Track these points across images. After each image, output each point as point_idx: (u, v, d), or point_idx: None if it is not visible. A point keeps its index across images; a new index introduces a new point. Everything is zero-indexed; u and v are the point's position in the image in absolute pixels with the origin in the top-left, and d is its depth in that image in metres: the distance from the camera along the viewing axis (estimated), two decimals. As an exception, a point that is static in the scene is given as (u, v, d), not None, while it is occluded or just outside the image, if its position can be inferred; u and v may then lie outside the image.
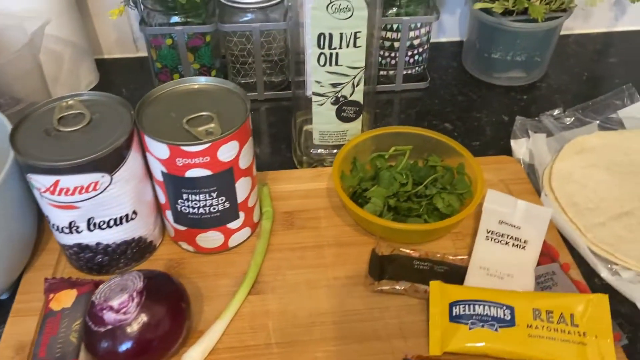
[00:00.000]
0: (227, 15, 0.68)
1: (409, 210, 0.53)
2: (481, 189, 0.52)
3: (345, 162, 0.56)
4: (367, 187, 0.54)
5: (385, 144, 0.59)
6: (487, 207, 0.53)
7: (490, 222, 0.52)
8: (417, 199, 0.54)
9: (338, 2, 0.49)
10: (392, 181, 0.53)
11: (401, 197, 0.53)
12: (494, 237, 0.50)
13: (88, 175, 0.42)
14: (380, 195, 0.53)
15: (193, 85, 0.49)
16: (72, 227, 0.45)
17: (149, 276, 0.43)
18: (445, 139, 0.57)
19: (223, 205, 0.48)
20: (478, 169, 0.53)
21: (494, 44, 0.72)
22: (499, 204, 0.53)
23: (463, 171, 0.55)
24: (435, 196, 0.53)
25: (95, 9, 0.77)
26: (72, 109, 0.46)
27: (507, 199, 0.53)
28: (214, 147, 0.44)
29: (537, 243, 0.51)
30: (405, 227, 0.50)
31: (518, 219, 0.52)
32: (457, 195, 0.53)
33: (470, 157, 0.55)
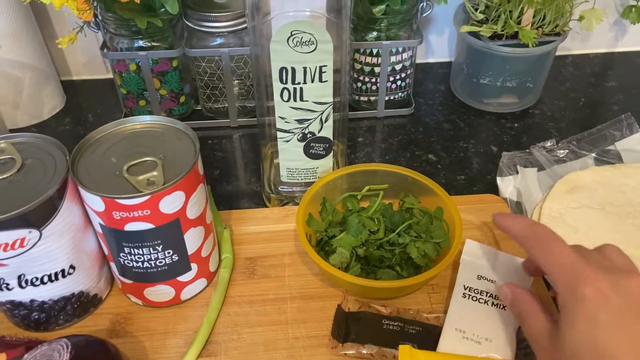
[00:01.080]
0: (196, 39, 0.64)
1: (381, 260, 0.48)
2: (459, 237, 0.47)
3: (313, 203, 0.51)
4: (334, 233, 0.49)
5: (358, 182, 0.54)
6: (464, 260, 0.48)
7: (468, 277, 0.47)
8: (389, 247, 0.49)
9: (300, 35, 0.44)
10: (360, 228, 0.49)
11: (371, 245, 0.49)
12: (471, 295, 0.46)
13: (13, 232, 0.38)
14: (348, 244, 0.48)
15: (137, 125, 0.45)
16: (2, 285, 0.41)
17: (79, 345, 0.38)
18: (423, 179, 0.52)
19: (171, 258, 0.44)
20: (457, 215, 0.48)
21: (483, 69, 0.68)
22: (478, 256, 0.48)
23: (441, 217, 0.50)
24: (410, 245, 0.48)
25: (61, 30, 0.72)
26: (2, 153, 0.42)
27: (487, 250, 0.48)
28: (154, 200, 0.39)
29: None
30: (372, 284, 0.45)
31: (499, 274, 0.47)
32: (434, 244, 0.48)
33: (450, 201, 0.50)
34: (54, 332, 0.45)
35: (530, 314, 0.38)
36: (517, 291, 0.41)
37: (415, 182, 0.53)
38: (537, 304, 0.39)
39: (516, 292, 0.41)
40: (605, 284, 0.34)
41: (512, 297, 0.41)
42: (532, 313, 0.38)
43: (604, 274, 0.35)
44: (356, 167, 0.54)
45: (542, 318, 0.37)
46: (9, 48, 0.63)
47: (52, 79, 0.70)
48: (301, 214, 0.49)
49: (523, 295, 0.40)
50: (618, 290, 0.34)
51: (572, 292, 0.35)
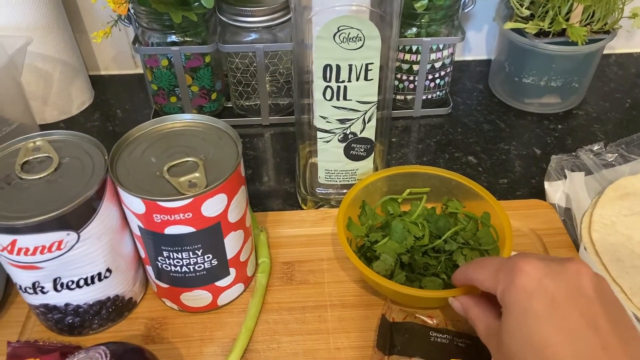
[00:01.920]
0: (229, 34, 0.62)
1: (425, 267, 0.46)
2: (509, 245, 0.45)
3: (352, 206, 0.49)
4: (376, 239, 0.47)
5: (398, 185, 0.52)
6: None
7: None
8: (434, 253, 0.47)
9: (347, 31, 0.42)
10: (405, 234, 0.46)
11: (416, 252, 0.46)
12: None
13: (50, 234, 0.36)
14: (392, 251, 0.46)
15: (177, 124, 0.43)
16: (36, 288, 0.40)
17: (118, 353, 0.36)
18: (468, 182, 0.50)
19: (210, 263, 0.42)
20: (506, 221, 0.46)
21: (526, 68, 0.65)
22: None
23: (488, 222, 0.48)
24: (456, 252, 0.46)
25: (90, 24, 0.71)
26: (39, 151, 0.40)
27: None
28: (197, 202, 0.37)
29: None
30: (419, 294, 0.43)
31: None
32: (481, 252, 0.46)
33: (497, 205, 0.47)
34: (87, 337, 0.44)
35: (478, 318, 0.37)
36: (465, 300, 0.39)
37: (459, 185, 0.50)
38: (483, 306, 0.37)
39: (464, 301, 0.39)
40: (539, 270, 0.32)
41: (462, 308, 0.39)
42: (479, 316, 0.37)
43: (539, 262, 0.33)
44: (396, 169, 0.52)
45: (489, 319, 0.36)
46: (40, 42, 0.62)
47: (81, 74, 0.69)
48: (341, 218, 0.47)
49: (471, 301, 0.38)
50: (553, 275, 0.32)
51: (506, 287, 0.33)
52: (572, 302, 0.31)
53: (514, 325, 0.32)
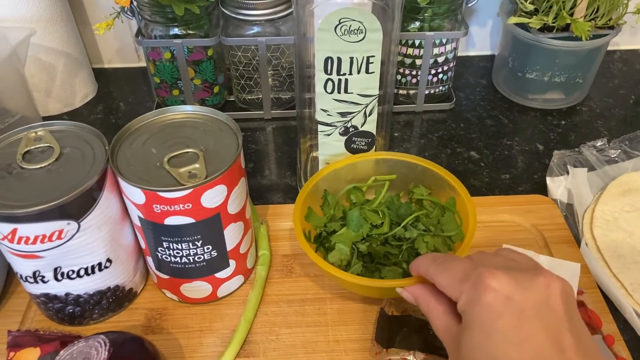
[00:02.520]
0: (232, 27, 0.62)
1: (386, 256, 0.45)
2: (472, 229, 0.43)
3: (313, 196, 0.48)
4: (334, 228, 0.46)
5: (364, 172, 0.50)
6: None
7: None
8: (396, 242, 0.46)
9: (348, 23, 0.42)
10: (361, 222, 0.45)
11: (374, 241, 0.45)
12: None
13: (51, 223, 0.37)
14: (348, 240, 0.44)
15: (178, 115, 0.43)
16: (37, 277, 0.40)
17: (118, 342, 0.37)
18: (434, 167, 0.48)
19: (210, 254, 0.42)
20: (471, 206, 0.45)
21: (530, 63, 0.64)
22: None
23: (453, 208, 0.46)
24: (418, 239, 0.45)
25: (93, 16, 0.71)
26: (40, 141, 0.40)
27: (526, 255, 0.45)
28: (196, 193, 0.37)
29: None
30: (373, 284, 0.41)
31: None
32: (444, 238, 0.45)
33: (463, 190, 0.46)
34: (88, 327, 0.44)
35: (433, 312, 0.35)
36: (419, 291, 0.37)
37: (425, 171, 0.48)
38: (440, 299, 0.35)
39: (418, 292, 0.37)
40: (507, 286, 0.30)
41: (415, 299, 0.37)
42: (435, 311, 0.35)
43: (506, 275, 0.31)
44: (360, 156, 0.50)
45: (448, 319, 0.34)
46: (43, 34, 0.62)
47: (84, 67, 0.69)
48: (299, 209, 0.45)
49: (426, 291, 0.36)
50: (521, 290, 0.30)
51: (471, 301, 0.31)
52: (540, 319, 0.30)
53: (476, 341, 0.30)
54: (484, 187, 0.58)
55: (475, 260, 0.34)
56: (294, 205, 0.45)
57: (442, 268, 0.35)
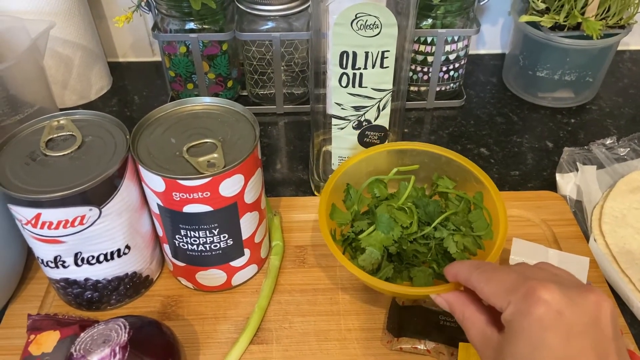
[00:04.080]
0: (246, 22, 0.63)
1: (415, 255, 0.44)
2: (504, 229, 0.42)
3: (336, 191, 0.46)
4: (362, 228, 0.44)
5: (385, 164, 0.48)
6: (513, 260, 0.46)
7: None
8: (424, 240, 0.45)
9: (364, 18, 0.43)
10: (392, 224, 0.43)
11: (404, 241, 0.44)
12: None
13: (73, 209, 0.38)
14: (378, 242, 0.43)
15: (196, 107, 0.44)
16: (58, 262, 0.41)
17: (136, 326, 0.38)
18: (459, 159, 0.46)
19: (226, 242, 0.43)
20: (500, 203, 0.43)
21: (541, 61, 0.65)
22: (528, 255, 0.46)
23: (481, 204, 0.45)
24: (447, 238, 0.44)
25: (110, 10, 0.72)
26: (62, 129, 0.41)
27: (536, 248, 0.46)
28: (215, 182, 0.38)
29: None
30: (407, 292, 0.40)
31: None
32: (474, 238, 0.44)
33: (490, 184, 0.45)
34: (105, 312, 0.45)
35: (470, 321, 0.35)
36: (455, 298, 0.36)
37: (450, 162, 0.47)
38: (476, 307, 0.35)
39: (453, 300, 0.36)
40: (559, 300, 0.30)
41: (450, 307, 0.37)
42: (472, 319, 0.35)
43: (559, 290, 0.30)
44: (382, 147, 0.48)
45: (487, 329, 0.33)
46: (61, 26, 0.63)
47: (100, 60, 0.70)
48: (324, 206, 0.43)
49: (462, 299, 0.36)
50: (572, 307, 0.30)
51: (519, 312, 0.31)
52: (589, 337, 0.29)
53: (521, 352, 0.30)
54: (494, 182, 0.58)
55: (521, 272, 0.33)
56: (319, 205, 0.43)
57: (487, 277, 0.34)
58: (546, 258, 0.45)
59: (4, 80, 0.55)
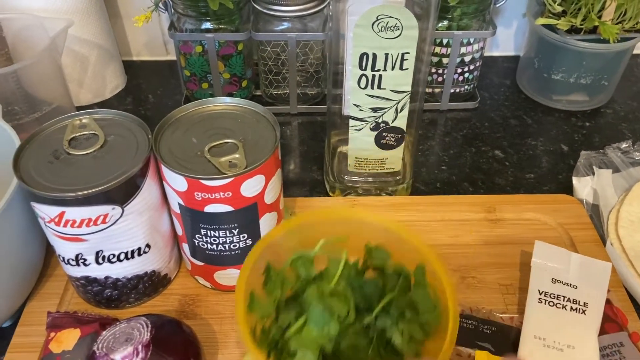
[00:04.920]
0: (262, 22, 0.63)
1: (354, 350, 0.34)
2: (455, 311, 0.32)
3: (255, 275, 0.34)
4: (288, 321, 0.34)
5: (311, 235, 0.37)
6: (536, 263, 0.46)
7: (542, 281, 0.44)
8: (362, 330, 0.34)
9: (385, 20, 0.43)
10: (326, 318, 0.33)
11: (341, 336, 0.34)
12: (547, 300, 0.43)
13: (97, 207, 0.38)
14: (311, 342, 0.33)
15: (217, 107, 0.44)
16: (79, 260, 0.41)
17: (158, 324, 0.38)
18: (393, 225, 0.37)
19: (245, 242, 0.43)
20: (445, 276, 0.34)
21: (556, 64, 0.65)
22: (550, 258, 0.46)
23: (424, 280, 0.35)
24: (391, 327, 0.34)
25: (125, 9, 0.73)
26: (85, 128, 0.42)
27: (558, 252, 0.46)
28: (237, 182, 0.38)
29: (598, 306, 0.43)
30: None
31: (574, 276, 0.45)
32: (422, 325, 0.34)
33: (434, 255, 0.35)
34: (124, 310, 0.45)
35: None
36: None
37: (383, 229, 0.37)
38: None
39: None
40: None
41: None
42: None
43: None
44: (306, 215, 0.40)
45: None
46: (78, 25, 0.63)
47: (115, 59, 0.71)
48: (241, 295, 0.32)
49: None
50: None
51: None
52: None
53: None
54: (509, 185, 0.59)
55: None
56: (235, 292, 0.32)
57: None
58: (568, 262, 0.45)
59: (23, 79, 0.55)
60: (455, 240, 0.51)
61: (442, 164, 0.62)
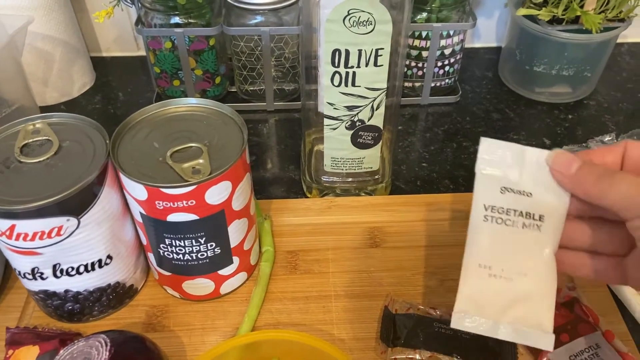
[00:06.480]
0: (234, 16, 0.60)
1: None
2: None
3: None
4: None
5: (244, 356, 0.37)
6: (481, 171, 0.34)
7: (489, 193, 0.34)
8: None
9: (357, 14, 0.41)
10: None
11: None
12: (495, 217, 0.33)
13: (50, 220, 0.35)
14: None
15: (181, 108, 0.41)
16: (36, 274, 0.39)
17: (119, 342, 0.36)
18: (327, 348, 0.36)
19: (213, 251, 0.41)
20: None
21: (538, 56, 0.63)
22: (499, 161, 0.34)
23: None
24: None
25: (91, 4, 0.70)
26: (38, 134, 0.39)
27: (509, 149, 0.34)
28: (200, 190, 0.36)
29: (557, 218, 0.33)
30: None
31: (528, 179, 0.33)
32: None
33: None
34: (88, 323, 0.43)
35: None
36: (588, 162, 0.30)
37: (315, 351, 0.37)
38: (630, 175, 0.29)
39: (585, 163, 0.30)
40: None
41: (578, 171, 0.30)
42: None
43: None
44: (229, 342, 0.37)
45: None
46: (41, 21, 0.60)
47: (82, 55, 0.68)
48: None
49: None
50: None
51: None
52: None
53: None
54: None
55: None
56: None
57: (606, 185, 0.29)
58: (522, 162, 0.34)
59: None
60: (435, 241, 0.49)
61: (423, 161, 0.60)
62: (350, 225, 0.51)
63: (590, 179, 0.31)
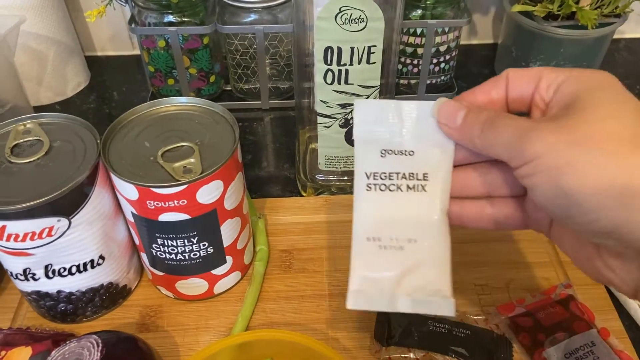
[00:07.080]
0: (228, 15, 0.60)
1: None
2: None
3: None
4: None
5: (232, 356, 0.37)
6: (358, 136, 0.32)
7: (369, 157, 0.31)
8: None
9: (349, 11, 0.41)
10: None
11: None
12: (378, 184, 0.31)
13: (41, 220, 0.35)
14: None
15: (172, 107, 0.41)
16: (28, 275, 0.39)
17: (111, 343, 0.36)
18: (319, 347, 0.36)
19: (206, 250, 0.41)
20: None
21: (534, 52, 0.63)
22: (376, 121, 0.31)
23: None
24: None
25: (86, 3, 0.69)
26: (29, 134, 0.39)
27: (384, 107, 0.32)
28: (192, 189, 0.36)
29: (443, 174, 0.31)
30: None
31: (409, 136, 0.31)
32: None
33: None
34: (81, 324, 0.43)
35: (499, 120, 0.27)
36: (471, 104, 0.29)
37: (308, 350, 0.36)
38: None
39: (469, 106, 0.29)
40: None
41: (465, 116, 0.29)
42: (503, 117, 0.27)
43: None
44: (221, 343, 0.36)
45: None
46: (34, 21, 0.60)
47: (76, 55, 0.67)
48: None
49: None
50: None
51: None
52: None
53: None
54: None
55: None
56: None
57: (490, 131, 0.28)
58: (400, 118, 0.31)
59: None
60: (430, 240, 0.49)
61: (418, 159, 0.59)
62: (345, 223, 0.50)
63: (476, 129, 0.28)
